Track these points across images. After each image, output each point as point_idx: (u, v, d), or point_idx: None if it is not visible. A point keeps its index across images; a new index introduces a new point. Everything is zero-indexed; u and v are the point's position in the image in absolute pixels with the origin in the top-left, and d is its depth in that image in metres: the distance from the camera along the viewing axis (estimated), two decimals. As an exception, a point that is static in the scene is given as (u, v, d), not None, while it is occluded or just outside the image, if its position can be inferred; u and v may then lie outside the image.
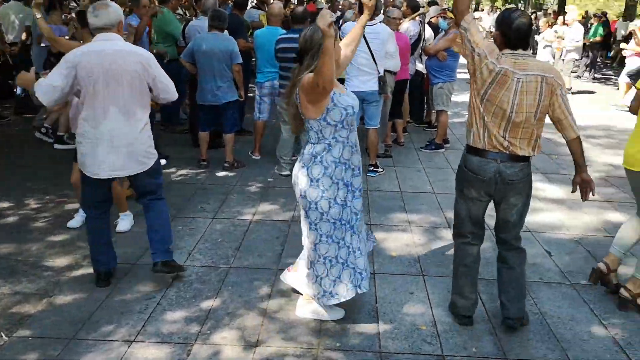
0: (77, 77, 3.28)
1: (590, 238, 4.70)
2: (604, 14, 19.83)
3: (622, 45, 11.19)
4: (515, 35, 2.96)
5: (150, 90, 3.49)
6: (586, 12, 20.25)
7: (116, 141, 3.39)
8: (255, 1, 9.79)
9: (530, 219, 5.00)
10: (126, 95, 3.38)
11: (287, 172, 5.94)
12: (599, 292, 3.79)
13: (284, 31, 5.93)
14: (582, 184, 3.15)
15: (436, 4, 8.89)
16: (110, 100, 3.35)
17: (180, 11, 8.89)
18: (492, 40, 3.09)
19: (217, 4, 6.78)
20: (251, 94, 7.61)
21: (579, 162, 3.13)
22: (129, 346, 3.07)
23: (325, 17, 2.66)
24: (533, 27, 3.25)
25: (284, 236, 4.52)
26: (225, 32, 5.94)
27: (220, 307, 3.48)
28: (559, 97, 2.96)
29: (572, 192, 3.24)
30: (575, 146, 3.06)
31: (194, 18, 8.02)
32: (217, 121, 6.09)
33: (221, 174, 6.03)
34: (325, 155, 3.02)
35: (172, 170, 6.09)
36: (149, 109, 3.56)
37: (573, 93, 12.04)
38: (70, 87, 3.31)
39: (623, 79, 10.91)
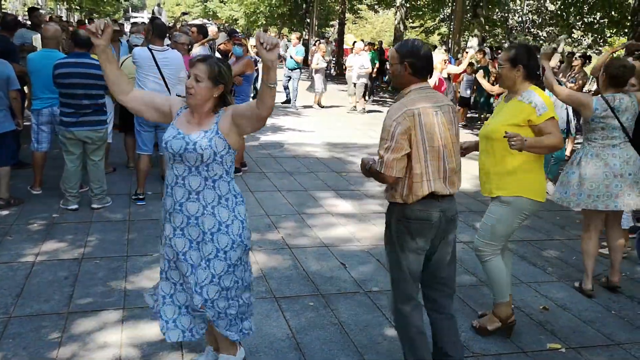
0: None
1: (379, 247, 5.09)
2: (380, 42, 21.99)
3: None
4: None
5: None
6: (362, 40, 22.24)
7: None
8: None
9: (325, 233, 5.31)
10: None
11: (75, 206, 5.48)
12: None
13: (62, 55, 5.50)
14: None
15: (235, 32, 9.05)
16: None
17: None
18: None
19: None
20: (27, 123, 6.91)
21: None
22: None
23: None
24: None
25: (73, 276, 4.14)
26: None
27: (0, 365, 3.06)
28: None
29: None
30: None
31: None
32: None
33: (-4, 213, 5.35)
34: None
35: None
36: None
37: (366, 112, 13.93)
38: None
39: None
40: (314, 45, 17.68)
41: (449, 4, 25.08)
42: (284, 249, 4.90)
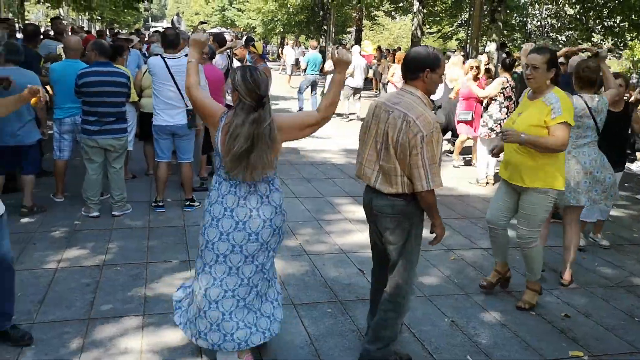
0: None
1: (397, 253, 5.07)
2: (399, 48, 21.96)
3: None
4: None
5: None
6: (379, 47, 22.25)
7: None
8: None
9: (343, 240, 5.31)
10: None
11: (96, 213, 5.56)
12: (408, 302, 4.10)
13: (85, 65, 5.59)
14: None
15: (252, 40, 9.15)
16: None
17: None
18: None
19: (5, 36, 6.21)
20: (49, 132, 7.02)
21: None
22: None
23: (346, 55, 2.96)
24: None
25: (95, 282, 4.20)
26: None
27: (23, 370, 3.11)
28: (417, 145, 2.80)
29: None
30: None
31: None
32: (15, 163, 5.51)
33: (23, 220, 5.43)
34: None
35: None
36: None
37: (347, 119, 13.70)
38: None
39: None
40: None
41: (467, 9, 25.00)
42: (302, 256, 4.91)
